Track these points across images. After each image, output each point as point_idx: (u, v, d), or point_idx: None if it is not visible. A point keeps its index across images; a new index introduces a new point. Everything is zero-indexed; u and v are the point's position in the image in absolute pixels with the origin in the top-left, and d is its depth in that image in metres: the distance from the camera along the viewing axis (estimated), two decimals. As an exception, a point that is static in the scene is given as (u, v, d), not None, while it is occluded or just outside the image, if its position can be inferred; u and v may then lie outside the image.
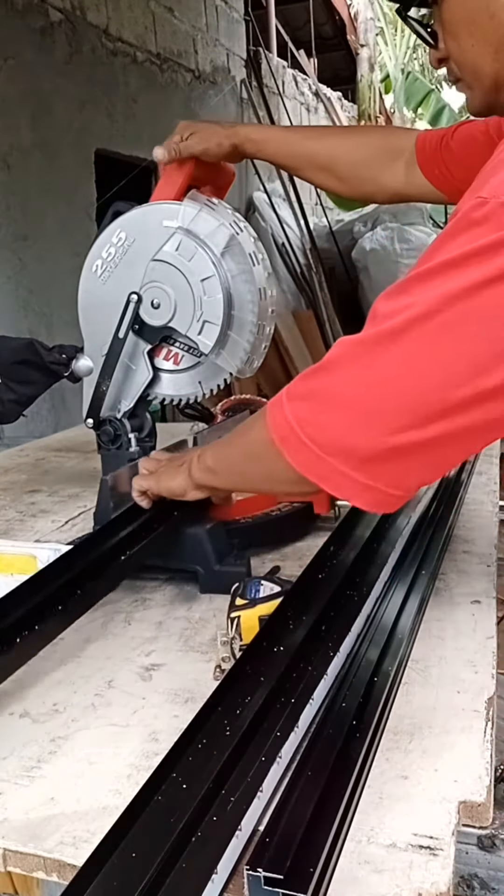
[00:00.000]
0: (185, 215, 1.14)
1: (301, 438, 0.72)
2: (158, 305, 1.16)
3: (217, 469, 0.94)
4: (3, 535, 1.31)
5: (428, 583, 0.96)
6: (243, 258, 1.13)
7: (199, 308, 1.13)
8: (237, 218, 1.18)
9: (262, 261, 1.18)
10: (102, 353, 1.23)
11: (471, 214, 0.65)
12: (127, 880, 0.50)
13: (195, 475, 0.97)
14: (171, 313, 1.16)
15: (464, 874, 1.03)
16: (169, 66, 5.24)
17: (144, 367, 1.23)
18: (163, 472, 1.02)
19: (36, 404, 1.43)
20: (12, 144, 3.81)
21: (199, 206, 1.14)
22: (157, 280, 1.16)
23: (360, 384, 0.70)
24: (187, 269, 1.13)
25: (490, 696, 0.76)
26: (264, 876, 0.49)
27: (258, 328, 1.17)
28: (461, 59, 0.83)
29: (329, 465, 0.71)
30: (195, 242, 1.13)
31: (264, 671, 0.73)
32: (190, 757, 0.62)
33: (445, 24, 0.82)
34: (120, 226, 1.18)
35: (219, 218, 1.14)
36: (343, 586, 0.91)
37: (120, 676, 0.85)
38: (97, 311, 1.22)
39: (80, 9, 4.25)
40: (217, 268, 1.12)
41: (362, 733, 0.65)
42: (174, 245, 1.14)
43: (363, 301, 5.99)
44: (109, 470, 1.21)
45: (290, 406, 0.75)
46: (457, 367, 0.66)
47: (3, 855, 0.60)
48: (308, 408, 0.73)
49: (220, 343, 1.14)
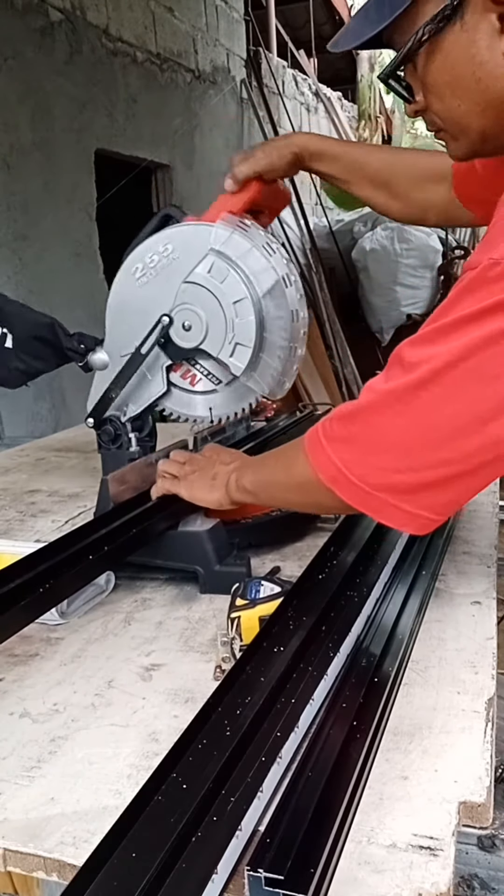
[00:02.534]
0: (217, 237, 1.12)
1: (350, 479, 0.80)
2: (190, 328, 1.15)
3: (257, 493, 1.00)
4: (3, 535, 1.31)
5: (428, 583, 0.96)
6: (275, 280, 1.11)
7: (231, 330, 1.12)
8: (270, 239, 1.16)
9: (294, 282, 1.16)
10: (121, 354, 1.21)
11: (486, 273, 0.70)
12: (127, 880, 0.50)
13: (232, 494, 1.02)
14: (203, 335, 1.14)
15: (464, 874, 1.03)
16: (169, 66, 5.24)
17: (160, 380, 1.22)
18: (195, 483, 1.07)
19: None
20: (12, 144, 3.80)
21: (232, 228, 1.12)
22: (188, 302, 1.14)
23: (396, 429, 0.77)
24: (219, 291, 1.12)
25: (490, 697, 0.76)
26: (265, 876, 0.49)
27: (290, 350, 1.15)
28: (446, 117, 0.85)
29: (380, 500, 0.79)
30: (227, 264, 1.11)
31: (264, 671, 0.74)
32: (190, 757, 0.62)
33: (429, 86, 0.83)
34: (169, 237, 1.15)
35: (251, 240, 1.12)
36: (343, 586, 0.91)
37: (120, 676, 0.85)
38: (126, 314, 1.20)
39: (80, 9, 4.25)
40: (249, 290, 1.10)
41: (362, 733, 0.65)
42: (206, 267, 1.12)
43: (363, 301, 5.98)
44: (109, 469, 1.21)
45: (333, 448, 0.82)
46: (485, 406, 0.72)
47: (3, 855, 0.60)
48: (351, 450, 0.81)
49: (251, 365, 1.13)
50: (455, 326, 0.72)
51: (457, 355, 0.72)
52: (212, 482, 1.05)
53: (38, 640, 0.94)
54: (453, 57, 0.79)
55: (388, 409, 0.77)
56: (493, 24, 0.76)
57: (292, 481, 0.91)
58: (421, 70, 0.82)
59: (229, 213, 1.15)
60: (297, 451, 0.87)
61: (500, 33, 0.76)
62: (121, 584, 1.07)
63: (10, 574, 0.88)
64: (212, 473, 1.06)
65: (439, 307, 0.75)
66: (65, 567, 0.92)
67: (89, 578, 0.98)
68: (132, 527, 1.04)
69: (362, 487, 0.79)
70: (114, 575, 1.06)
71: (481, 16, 0.76)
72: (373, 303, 5.88)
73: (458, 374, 0.72)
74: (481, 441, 0.73)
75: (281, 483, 0.94)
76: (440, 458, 0.75)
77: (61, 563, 0.92)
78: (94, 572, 0.98)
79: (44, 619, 0.94)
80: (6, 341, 1.30)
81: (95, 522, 1.06)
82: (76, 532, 1.01)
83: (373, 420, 0.79)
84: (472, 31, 0.77)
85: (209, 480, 1.06)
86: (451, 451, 0.74)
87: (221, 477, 1.04)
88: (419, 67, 0.82)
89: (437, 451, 0.75)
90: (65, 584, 0.91)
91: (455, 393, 0.72)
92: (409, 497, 0.78)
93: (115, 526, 1.03)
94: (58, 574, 0.90)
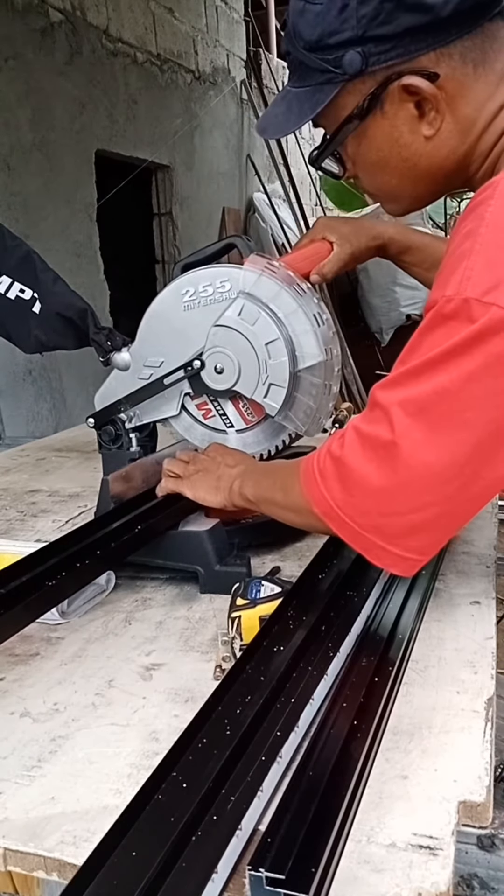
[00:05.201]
0: (246, 280, 1.11)
1: (342, 517, 0.82)
2: (222, 370, 1.14)
3: (256, 503, 1.02)
4: (3, 535, 1.31)
5: (427, 583, 0.96)
6: (307, 320, 1.11)
7: (264, 371, 1.11)
8: (299, 279, 1.15)
9: (326, 321, 1.15)
10: (145, 362, 1.20)
11: (442, 311, 0.72)
12: (127, 880, 0.50)
13: (235, 499, 1.04)
14: (236, 378, 1.13)
15: (463, 874, 1.03)
16: (169, 66, 5.25)
17: (175, 405, 1.21)
18: (198, 483, 1.08)
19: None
20: (12, 145, 3.81)
21: (260, 271, 1.11)
22: (219, 345, 1.13)
23: (378, 475, 0.78)
24: (251, 333, 1.11)
25: (489, 697, 0.76)
26: (266, 876, 0.49)
27: (325, 388, 1.15)
28: (379, 188, 0.91)
29: (369, 540, 0.81)
30: (258, 306, 1.10)
31: (264, 671, 0.74)
32: (190, 756, 0.62)
33: (358, 165, 0.88)
34: (229, 276, 1.13)
35: (280, 281, 1.11)
36: (343, 586, 0.91)
37: (120, 676, 0.85)
38: (163, 327, 1.18)
39: (80, 9, 4.25)
40: (281, 330, 1.10)
41: (363, 733, 0.65)
42: (237, 310, 1.11)
43: (363, 302, 5.99)
44: (110, 470, 1.21)
45: (325, 486, 0.83)
46: (459, 450, 0.73)
47: (4, 854, 0.60)
48: (341, 489, 0.82)
49: (286, 405, 1.12)
50: (423, 369, 0.73)
51: (427, 401, 0.73)
52: (216, 483, 1.06)
53: (38, 639, 0.94)
54: (378, 141, 0.84)
55: (369, 454, 0.78)
56: (411, 112, 0.81)
57: (289, 504, 0.92)
58: (351, 152, 0.88)
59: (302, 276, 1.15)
60: (294, 478, 0.89)
61: (419, 119, 0.81)
62: (121, 583, 1.08)
63: (10, 574, 0.88)
64: (216, 475, 1.07)
65: (407, 346, 0.77)
66: (65, 567, 0.92)
67: (90, 578, 0.98)
68: (132, 527, 1.04)
69: (352, 526, 0.81)
70: (114, 574, 1.07)
71: (399, 105, 0.81)
72: (372, 303, 5.88)
73: (432, 420, 0.73)
74: (461, 483, 0.75)
75: (279, 503, 0.96)
76: (423, 502, 0.77)
77: (62, 563, 0.92)
78: (95, 572, 0.98)
79: (44, 619, 0.94)
80: (34, 306, 1.29)
81: (96, 522, 1.06)
82: (76, 532, 1.02)
83: (355, 466, 0.80)
84: (393, 119, 0.82)
85: (214, 481, 1.06)
86: (432, 494, 0.76)
87: (226, 480, 1.05)
88: (348, 149, 0.87)
89: (420, 496, 0.76)
90: (65, 584, 0.91)
91: (430, 439, 0.74)
92: (396, 540, 0.79)
93: (116, 526, 1.03)
94: (58, 574, 0.90)
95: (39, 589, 0.87)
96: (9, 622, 0.83)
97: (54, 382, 4.10)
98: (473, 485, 0.75)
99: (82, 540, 0.99)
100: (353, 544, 0.83)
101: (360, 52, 0.78)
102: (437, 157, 0.83)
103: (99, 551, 0.97)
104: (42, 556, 0.93)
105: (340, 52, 0.79)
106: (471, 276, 0.71)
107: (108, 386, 1.25)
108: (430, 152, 0.83)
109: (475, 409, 0.72)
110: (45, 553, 0.94)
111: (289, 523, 0.96)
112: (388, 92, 0.80)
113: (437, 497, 0.76)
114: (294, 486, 0.89)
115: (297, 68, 0.85)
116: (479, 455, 0.73)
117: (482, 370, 0.70)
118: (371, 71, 0.79)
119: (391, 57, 0.78)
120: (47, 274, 1.31)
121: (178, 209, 5.51)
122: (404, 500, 0.77)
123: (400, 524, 0.79)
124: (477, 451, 0.73)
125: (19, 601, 0.84)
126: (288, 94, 0.87)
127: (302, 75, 0.84)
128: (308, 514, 0.87)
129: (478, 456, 0.73)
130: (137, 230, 5.39)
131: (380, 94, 0.80)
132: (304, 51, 0.82)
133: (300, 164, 6.83)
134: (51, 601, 0.90)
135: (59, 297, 1.29)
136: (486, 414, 0.72)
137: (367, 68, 0.79)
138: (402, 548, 0.80)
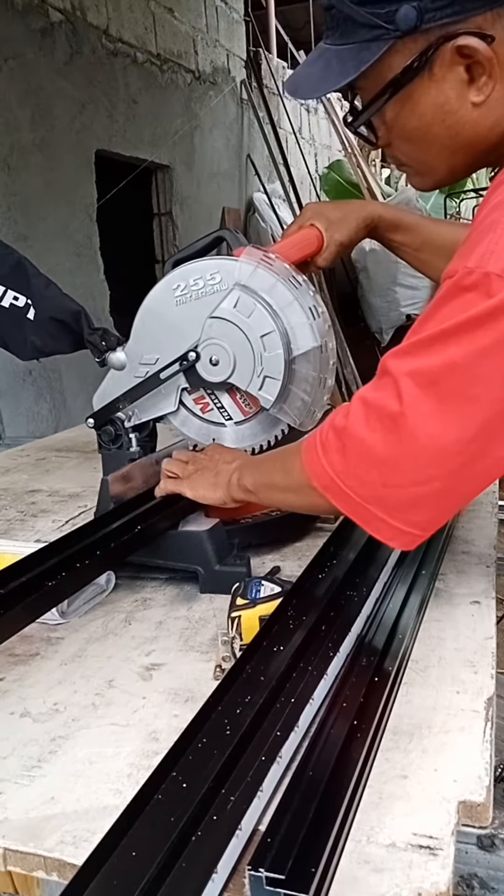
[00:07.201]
0: (241, 272, 1.11)
1: (342, 489, 0.81)
2: (217, 362, 1.14)
3: (257, 493, 1.01)
4: (3, 535, 1.31)
5: (427, 583, 0.96)
6: (302, 312, 1.11)
7: (259, 364, 1.11)
8: (295, 272, 1.15)
9: (321, 314, 1.15)
10: (141, 360, 1.20)
11: (461, 282, 0.71)
12: (127, 880, 0.50)
13: (234, 492, 1.04)
14: (231, 370, 1.13)
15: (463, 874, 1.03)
16: (169, 66, 5.24)
17: (173, 400, 1.21)
18: (197, 481, 1.08)
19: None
20: (12, 145, 3.81)
21: (256, 263, 1.11)
22: (214, 337, 1.13)
23: (382, 445, 0.77)
24: (246, 325, 1.10)
25: (489, 697, 0.76)
26: (266, 876, 0.49)
27: (320, 381, 1.15)
28: (414, 157, 0.87)
29: (370, 512, 0.80)
30: (253, 299, 1.10)
31: (264, 670, 0.74)
32: (190, 756, 0.62)
33: (397, 131, 0.84)
34: (219, 268, 1.13)
35: (276, 274, 1.11)
36: (343, 586, 0.91)
37: (120, 676, 0.85)
38: (156, 323, 1.18)
39: (80, 9, 4.25)
40: (276, 323, 1.09)
41: (363, 733, 0.65)
42: (232, 302, 1.11)
43: (363, 301, 5.99)
44: (110, 470, 1.21)
45: (327, 458, 0.82)
46: (468, 424, 0.73)
47: (4, 854, 0.60)
48: (343, 461, 0.81)
49: (281, 397, 1.12)
50: (435, 340, 0.73)
51: (437, 373, 0.72)
52: (214, 480, 1.06)
53: (38, 639, 0.94)
54: (422, 106, 0.80)
55: (373, 426, 0.78)
56: (461, 76, 0.77)
57: (290, 484, 0.92)
58: (390, 117, 0.83)
59: (291, 264, 1.14)
60: (295, 456, 0.89)
61: (468, 84, 0.77)
62: (121, 583, 1.08)
63: (10, 574, 0.88)
64: (214, 472, 1.07)
65: (422, 315, 0.76)
66: (65, 567, 0.92)
67: (89, 578, 0.98)
68: (132, 527, 1.04)
69: (353, 498, 0.81)
70: (114, 575, 1.07)
71: (449, 68, 0.77)
72: (372, 303, 5.88)
73: (440, 393, 0.72)
74: (465, 459, 0.74)
75: (279, 485, 0.95)
76: (426, 475, 0.76)
77: (62, 563, 0.92)
78: (95, 572, 0.98)
79: (44, 619, 0.94)
80: (28, 312, 1.29)
81: (96, 522, 1.06)
82: (76, 532, 1.02)
83: (360, 435, 0.79)
84: (441, 82, 0.78)
85: (212, 478, 1.07)
86: (436, 468, 0.75)
87: (224, 475, 1.05)
88: (387, 114, 0.83)
89: (423, 469, 0.76)
90: (65, 584, 0.91)
91: (437, 412, 0.73)
92: (397, 513, 0.79)
93: (116, 526, 1.03)
94: (58, 574, 0.90)
95: (39, 589, 0.87)
96: (9, 622, 0.83)
97: (54, 383, 4.10)
98: (478, 462, 0.75)
99: (82, 540, 0.99)
100: (353, 516, 0.82)
101: (416, 7, 0.73)
102: (482, 126, 0.79)
103: (99, 551, 0.97)
104: (42, 557, 0.93)
105: (394, 6, 0.74)
106: (494, 251, 0.69)
107: (105, 386, 1.25)
108: (475, 120, 0.79)
109: (484, 385, 0.71)
110: (45, 553, 0.94)
111: (288, 507, 0.96)
112: (440, 53, 0.75)
113: (441, 471, 0.75)
114: (295, 465, 0.88)
115: (341, 24, 0.79)
116: (486, 432, 0.73)
117: (494, 347, 0.69)
118: (424, 29, 0.74)
119: (447, 14, 0.73)
120: (39, 279, 1.31)
121: (178, 209, 5.51)
122: (407, 471, 0.76)
123: (402, 496, 0.78)
124: (483, 428, 0.72)
125: (19, 601, 0.84)
126: (326, 53, 0.81)
127: (346, 31, 0.79)
128: (308, 492, 0.86)
129: (484, 433, 0.73)
130: (137, 230, 5.38)
131: (430, 55, 0.75)
132: (353, 4, 0.76)
133: (300, 164, 6.83)
134: (51, 601, 0.90)
135: (51, 301, 1.30)
136: (494, 391, 0.71)
137: (422, 25, 0.74)
138: (402, 521, 0.79)
